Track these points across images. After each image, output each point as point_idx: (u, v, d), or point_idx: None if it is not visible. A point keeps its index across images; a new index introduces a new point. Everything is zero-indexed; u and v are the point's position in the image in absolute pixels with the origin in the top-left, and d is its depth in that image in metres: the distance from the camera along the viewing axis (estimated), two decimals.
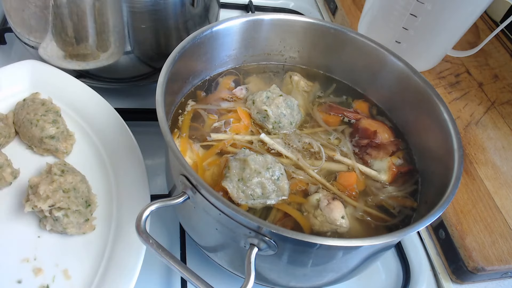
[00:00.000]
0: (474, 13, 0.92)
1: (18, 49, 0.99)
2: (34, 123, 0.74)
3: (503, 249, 0.77)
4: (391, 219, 0.65)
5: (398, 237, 0.52)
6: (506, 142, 0.95)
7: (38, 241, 0.67)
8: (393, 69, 0.75)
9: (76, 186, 0.67)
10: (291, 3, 1.35)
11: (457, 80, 1.07)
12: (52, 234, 0.68)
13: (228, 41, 0.76)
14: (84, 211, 0.67)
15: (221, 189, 0.61)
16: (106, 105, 0.81)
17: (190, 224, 0.65)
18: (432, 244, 0.84)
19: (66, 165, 0.71)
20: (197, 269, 0.52)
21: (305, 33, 0.80)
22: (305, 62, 0.84)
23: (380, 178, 0.70)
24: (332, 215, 0.60)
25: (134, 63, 0.82)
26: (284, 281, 0.61)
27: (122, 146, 0.77)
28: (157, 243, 0.51)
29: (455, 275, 0.79)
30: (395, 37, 0.99)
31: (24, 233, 0.67)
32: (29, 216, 0.68)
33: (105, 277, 0.63)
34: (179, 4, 0.78)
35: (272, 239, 0.50)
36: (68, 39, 0.76)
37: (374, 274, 0.79)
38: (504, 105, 1.04)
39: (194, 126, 0.71)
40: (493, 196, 0.84)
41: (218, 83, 0.78)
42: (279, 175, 0.62)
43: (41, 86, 0.82)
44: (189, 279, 0.50)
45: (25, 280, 0.63)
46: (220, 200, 0.49)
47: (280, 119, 0.72)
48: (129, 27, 0.76)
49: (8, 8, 0.79)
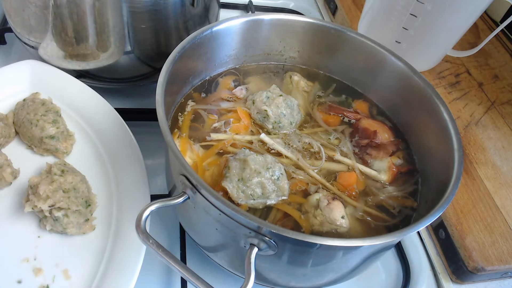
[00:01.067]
0: (474, 13, 0.92)
1: (18, 49, 0.99)
2: (34, 123, 0.74)
3: (503, 249, 0.77)
4: (391, 219, 0.65)
5: (398, 237, 0.52)
6: (506, 142, 0.95)
7: (38, 241, 0.67)
8: (393, 69, 0.75)
9: (76, 186, 0.67)
10: (291, 3, 1.35)
11: (457, 80, 1.07)
12: (52, 234, 0.68)
13: (228, 41, 0.76)
14: (84, 211, 0.67)
15: (221, 189, 0.61)
16: (106, 105, 0.81)
17: (190, 224, 0.65)
18: (432, 244, 0.84)
19: (66, 165, 0.71)
20: (197, 269, 0.52)
21: (305, 33, 0.80)
22: (305, 62, 0.84)
23: (380, 178, 0.70)
24: (332, 215, 0.60)
25: (134, 63, 0.82)
26: (284, 281, 0.61)
27: (122, 146, 0.77)
28: (157, 243, 0.51)
29: (455, 275, 0.79)
30: (395, 37, 0.99)
31: (24, 233, 0.67)
32: (29, 216, 0.68)
33: (105, 277, 0.63)
34: (179, 4, 0.78)
35: (272, 239, 0.50)
36: (68, 39, 0.76)
37: (374, 274, 0.79)
38: (504, 105, 1.04)
39: (194, 126, 0.71)
40: (493, 196, 0.84)
41: (218, 83, 0.78)
42: (279, 175, 0.62)
43: (41, 86, 0.82)
44: (189, 279, 0.50)
45: (25, 280, 0.63)
46: (220, 200, 0.49)
47: (280, 119, 0.72)
48: (129, 27, 0.76)
49: (8, 8, 0.79)
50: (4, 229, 0.67)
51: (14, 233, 0.67)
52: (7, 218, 0.68)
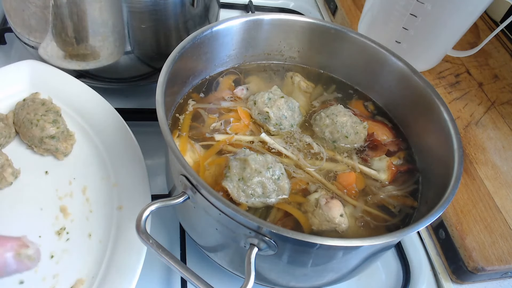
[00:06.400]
0: (474, 13, 0.92)
1: (18, 49, 0.99)
2: (34, 123, 0.74)
3: (503, 249, 0.77)
4: (391, 219, 0.65)
5: (398, 237, 0.52)
6: (506, 142, 0.95)
7: (39, 241, 0.67)
8: (393, 69, 0.75)
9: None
10: (291, 3, 1.35)
11: (457, 80, 1.07)
12: (53, 234, 0.68)
13: (228, 41, 0.76)
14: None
15: (221, 189, 0.61)
16: (106, 105, 0.81)
17: (190, 224, 0.65)
18: (432, 244, 0.84)
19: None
20: (197, 269, 0.52)
21: (305, 33, 0.80)
22: (305, 62, 0.84)
23: (379, 177, 0.70)
24: (330, 213, 0.60)
25: (134, 63, 0.82)
26: (284, 281, 0.61)
27: (123, 146, 0.77)
28: (157, 243, 0.51)
29: (455, 275, 0.79)
30: (395, 37, 0.99)
31: (25, 233, 0.67)
32: (29, 216, 0.68)
33: (106, 278, 0.63)
34: (179, 4, 0.78)
35: (272, 239, 0.50)
36: (68, 39, 0.76)
37: (374, 274, 0.79)
38: (504, 105, 1.04)
39: (194, 125, 0.71)
40: (493, 196, 0.84)
41: (219, 83, 0.78)
42: (280, 175, 0.62)
43: (41, 86, 0.82)
44: (189, 279, 0.50)
45: (27, 281, 0.63)
46: (220, 200, 0.49)
47: (281, 121, 0.72)
48: (129, 27, 0.76)
49: (8, 8, 0.79)
50: (5, 229, 0.67)
51: (15, 233, 0.66)
52: (8, 218, 0.68)
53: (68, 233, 0.68)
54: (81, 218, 0.70)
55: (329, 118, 0.72)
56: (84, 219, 0.70)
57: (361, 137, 0.73)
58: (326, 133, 0.72)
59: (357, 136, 0.72)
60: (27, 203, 0.70)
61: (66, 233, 0.68)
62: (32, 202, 0.71)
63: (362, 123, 0.74)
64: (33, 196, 0.71)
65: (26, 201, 0.71)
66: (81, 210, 0.71)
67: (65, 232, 0.68)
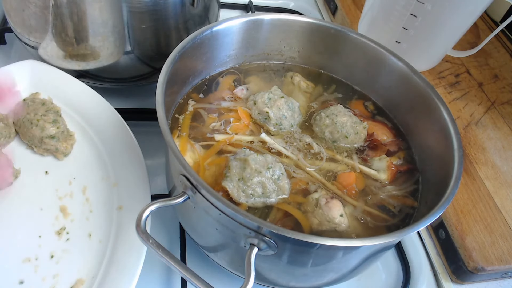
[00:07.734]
0: (474, 13, 0.92)
1: (18, 49, 0.99)
2: (34, 123, 0.74)
3: (503, 249, 0.77)
4: (391, 219, 0.65)
5: (398, 237, 0.52)
6: (506, 142, 0.95)
7: (39, 240, 0.67)
8: (393, 69, 0.75)
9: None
10: (291, 3, 1.35)
11: (457, 80, 1.07)
12: (53, 234, 0.68)
13: (228, 41, 0.76)
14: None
15: (221, 189, 0.61)
16: (106, 105, 0.81)
17: (190, 224, 0.65)
18: (432, 244, 0.84)
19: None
20: (197, 269, 0.52)
21: (305, 33, 0.80)
22: (305, 62, 0.84)
23: (379, 177, 0.70)
24: (330, 213, 0.60)
25: (134, 63, 0.82)
26: (284, 281, 0.61)
27: (123, 146, 0.77)
28: (157, 243, 0.51)
29: (455, 275, 0.79)
30: (395, 37, 0.99)
31: (25, 233, 0.67)
32: (30, 216, 0.69)
33: (106, 277, 0.63)
34: (179, 4, 0.78)
35: (272, 239, 0.50)
36: (68, 39, 0.76)
37: (374, 274, 0.79)
38: (504, 105, 1.04)
39: (194, 125, 0.71)
40: (493, 196, 0.84)
41: (219, 83, 0.78)
42: (280, 175, 0.62)
43: (41, 86, 0.82)
44: (189, 279, 0.50)
45: (27, 281, 0.63)
46: (220, 200, 0.49)
47: (281, 121, 0.72)
48: (129, 27, 0.76)
49: (8, 8, 0.79)
50: (5, 229, 0.67)
51: (15, 233, 0.67)
52: (8, 218, 0.68)
53: (68, 233, 0.68)
54: (81, 218, 0.70)
55: (329, 118, 0.72)
56: (84, 219, 0.70)
57: (361, 137, 0.73)
58: (326, 133, 0.72)
59: (357, 136, 0.72)
60: (27, 203, 0.70)
61: (66, 233, 0.68)
62: (32, 202, 0.71)
63: (362, 123, 0.74)
64: (33, 196, 0.71)
65: (26, 201, 0.71)
66: (81, 210, 0.71)
67: (65, 232, 0.68)
